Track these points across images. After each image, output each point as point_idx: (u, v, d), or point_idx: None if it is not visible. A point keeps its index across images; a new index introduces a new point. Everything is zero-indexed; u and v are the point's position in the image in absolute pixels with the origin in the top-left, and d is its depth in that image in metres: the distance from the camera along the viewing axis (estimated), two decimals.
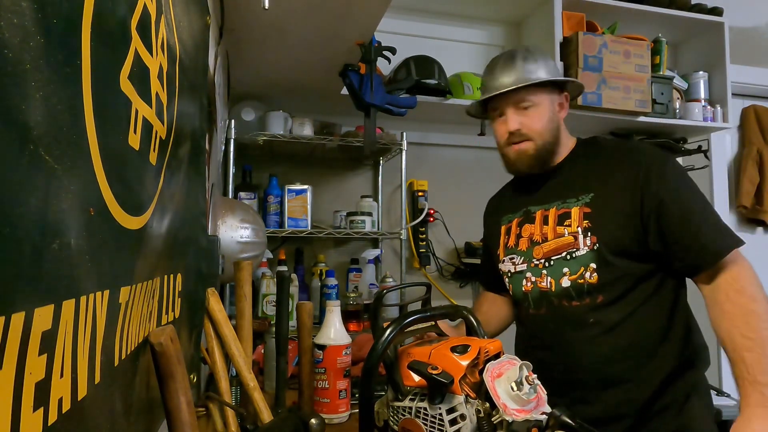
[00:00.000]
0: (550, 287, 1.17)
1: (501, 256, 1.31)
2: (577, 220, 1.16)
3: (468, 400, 0.76)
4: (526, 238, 1.25)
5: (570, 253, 1.15)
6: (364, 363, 0.83)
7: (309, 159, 2.31)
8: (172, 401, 0.52)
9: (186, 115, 0.66)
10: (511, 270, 1.27)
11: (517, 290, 1.26)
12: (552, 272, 1.17)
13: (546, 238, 1.20)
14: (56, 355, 0.27)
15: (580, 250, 1.14)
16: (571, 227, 1.16)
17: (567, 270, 1.15)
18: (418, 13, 2.45)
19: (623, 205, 1.12)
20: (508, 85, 1.22)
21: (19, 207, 0.23)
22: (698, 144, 2.60)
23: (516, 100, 1.22)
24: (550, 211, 1.21)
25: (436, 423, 0.76)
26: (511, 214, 1.32)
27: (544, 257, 1.19)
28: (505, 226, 1.32)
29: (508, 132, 1.23)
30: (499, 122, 1.27)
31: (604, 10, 2.37)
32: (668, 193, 1.10)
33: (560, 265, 1.16)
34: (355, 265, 2.24)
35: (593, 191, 1.16)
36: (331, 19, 1.36)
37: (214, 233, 1.13)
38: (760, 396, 0.96)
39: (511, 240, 1.28)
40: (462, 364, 0.77)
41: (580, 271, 1.14)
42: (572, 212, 1.17)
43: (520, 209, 1.29)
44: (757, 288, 1.04)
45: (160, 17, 0.50)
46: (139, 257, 0.44)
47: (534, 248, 1.22)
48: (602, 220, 1.13)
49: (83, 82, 0.30)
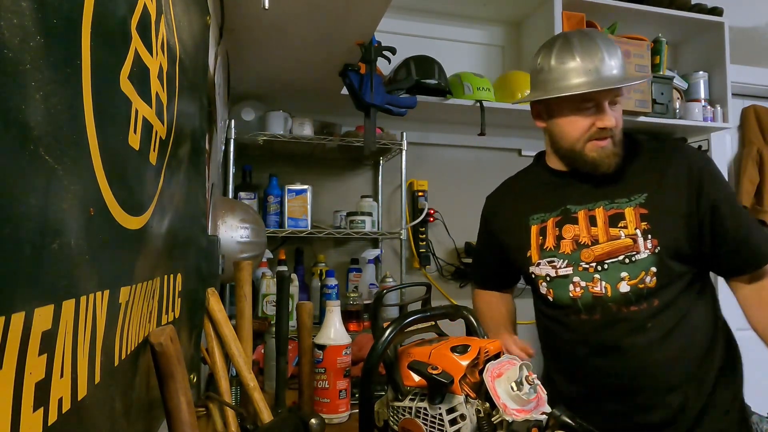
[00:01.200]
0: (606, 292, 1.11)
1: (534, 259, 1.21)
2: (634, 222, 1.11)
3: (468, 400, 0.76)
4: (569, 240, 1.16)
5: (629, 257, 1.10)
6: (364, 363, 0.83)
7: (309, 159, 2.31)
8: (172, 401, 0.52)
9: (186, 115, 0.66)
10: (550, 274, 1.18)
11: (561, 295, 1.17)
12: (607, 277, 1.12)
13: (596, 241, 1.14)
14: (56, 355, 0.27)
15: (640, 253, 1.09)
16: (628, 229, 1.11)
17: (626, 274, 1.10)
18: (418, 13, 2.45)
19: (679, 206, 1.10)
20: (619, 76, 1.13)
21: (19, 207, 0.23)
22: (698, 144, 2.60)
23: (616, 92, 1.14)
24: (596, 211, 1.15)
25: (436, 423, 0.76)
26: (543, 213, 1.22)
27: (595, 261, 1.13)
28: (537, 226, 1.22)
29: (597, 127, 1.13)
30: (584, 114, 1.14)
31: (604, 10, 2.38)
32: (719, 194, 1.10)
33: (617, 269, 1.11)
34: (355, 265, 2.24)
35: (646, 191, 1.13)
36: (331, 19, 1.36)
37: (214, 233, 1.13)
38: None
39: (549, 241, 1.19)
40: (462, 364, 0.77)
41: (640, 276, 1.09)
42: (626, 213, 1.12)
43: (555, 208, 1.21)
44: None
45: (160, 17, 0.50)
46: (139, 257, 0.44)
47: (582, 251, 1.14)
48: (662, 222, 1.10)
49: (83, 82, 0.30)
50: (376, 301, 0.96)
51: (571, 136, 1.16)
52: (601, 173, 1.15)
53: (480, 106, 2.15)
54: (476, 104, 2.16)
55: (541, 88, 1.20)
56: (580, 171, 1.18)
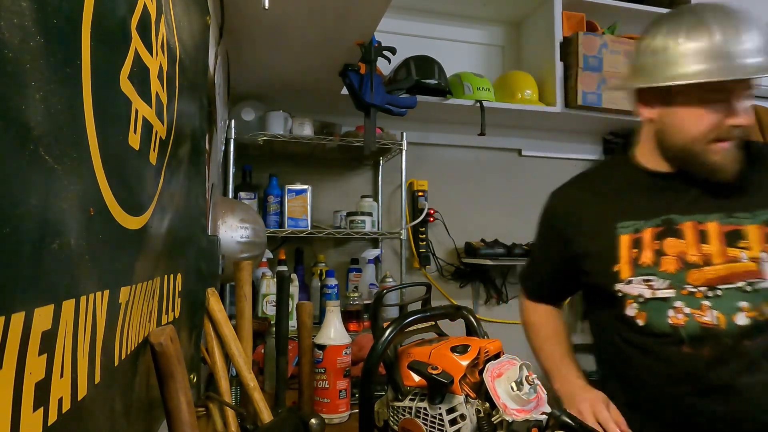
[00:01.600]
0: (719, 323, 0.95)
1: (625, 275, 1.02)
2: (759, 242, 0.96)
3: (468, 400, 0.76)
4: (674, 257, 0.99)
5: (751, 284, 0.95)
6: (365, 363, 0.83)
7: (309, 159, 2.31)
8: (172, 401, 0.52)
9: (186, 115, 0.66)
10: (644, 294, 1.00)
11: (657, 321, 0.99)
12: (720, 305, 0.95)
13: (709, 261, 0.97)
14: (56, 355, 0.27)
15: (766, 281, 0.94)
16: (751, 250, 0.95)
17: (745, 304, 0.94)
18: (418, 13, 2.45)
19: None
20: (765, 63, 0.92)
21: (19, 207, 0.23)
22: None
23: (750, 83, 0.96)
24: (708, 225, 0.99)
25: (436, 423, 0.76)
26: (637, 220, 1.04)
27: (706, 285, 0.96)
28: (630, 236, 1.03)
29: (729, 125, 0.96)
30: (712, 108, 0.96)
31: (604, 10, 2.38)
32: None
33: (734, 297, 0.95)
34: (355, 265, 2.24)
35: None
36: (331, 19, 1.36)
37: (214, 233, 1.13)
38: None
39: (645, 256, 1.01)
40: (462, 364, 0.77)
41: (761, 306, 0.95)
42: (748, 231, 0.97)
43: (653, 216, 1.03)
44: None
45: (160, 17, 0.50)
46: (139, 257, 0.44)
47: (689, 271, 0.98)
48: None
49: (83, 82, 0.30)
50: (376, 301, 0.96)
51: (691, 133, 0.98)
52: (718, 180, 0.99)
53: (480, 106, 2.15)
54: (476, 104, 2.16)
55: (662, 70, 0.98)
56: (690, 174, 1.01)
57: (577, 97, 2.20)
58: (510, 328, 2.40)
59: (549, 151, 2.58)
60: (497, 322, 2.44)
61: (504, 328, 2.41)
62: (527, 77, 2.33)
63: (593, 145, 2.64)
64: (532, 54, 2.47)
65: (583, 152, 2.62)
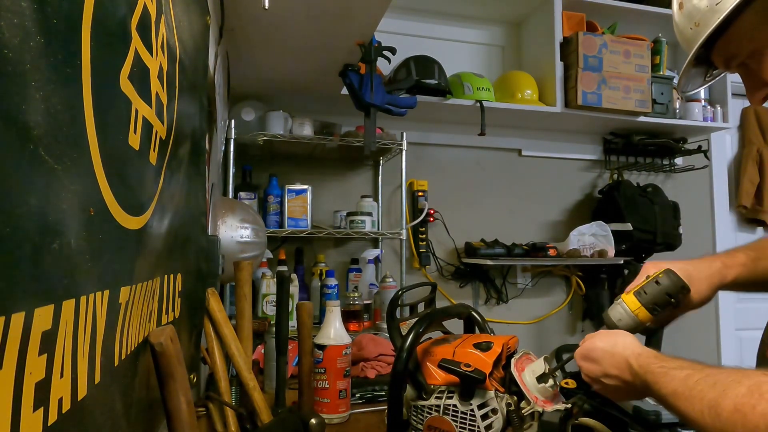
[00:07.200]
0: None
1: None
2: None
3: (497, 395, 0.79)
4: None
5: None
6: (394, 365, 0.83)
7: (309, 159, 2.31)
8: (172, 401, 0.52)
9: (186, 115, 0.66)
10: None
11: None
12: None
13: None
14: (56, 355, 0.27)
15: None
16: None
17: None
18: (418, 13, 2.45)
19: None
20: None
21: (19, 207, 0.23)
22: (698, 144, 2.60)
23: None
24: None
25: (467, 418, 0.78)
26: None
27: None
28: None
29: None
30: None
31: (604, 10, 2.38)
32: None
33: None
34: (355, 265, 2.24)
35: None
36: (331, 19, 1.36)
37: (214, 233, 1.13)
38: None
39: None
40: (488, 360, 0.80)
41: None
42: None
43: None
44: None
45: (160, 17, 0.50)
46: (139, 257, 0.44)
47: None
48: None
49: (83, 82, 0.30)
50: (394, 301, 0.97)
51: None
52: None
53: (480, 106, 2.15)
54: (476, 104, 2.16)
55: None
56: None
57: (577, 97, 2.20)
58: (510, 327, 2.40)
59: (549, 151, 2.58)
60: (497, 321, 2.44)
61: (504, 327, 2.41)
62: (527, 77, 2.33)
63: (593, 145, 2.64)
64: (532, 54, 2.47)
65: (583, 152, 2.62)
